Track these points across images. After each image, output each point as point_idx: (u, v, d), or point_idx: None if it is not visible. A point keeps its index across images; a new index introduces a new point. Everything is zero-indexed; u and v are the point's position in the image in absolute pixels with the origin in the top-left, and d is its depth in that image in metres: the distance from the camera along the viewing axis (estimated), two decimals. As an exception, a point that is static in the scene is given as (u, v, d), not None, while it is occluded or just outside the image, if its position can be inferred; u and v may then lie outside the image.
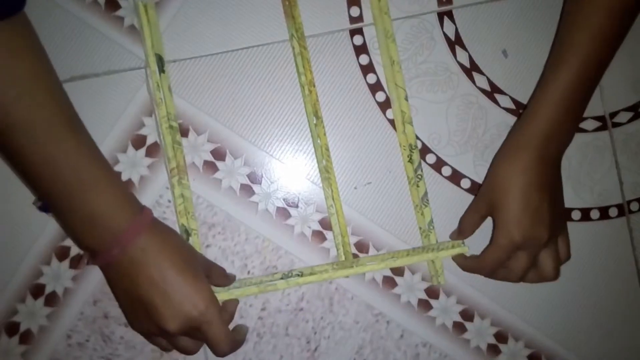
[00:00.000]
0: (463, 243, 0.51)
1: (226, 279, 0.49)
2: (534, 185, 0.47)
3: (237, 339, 0.48)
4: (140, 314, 0.44)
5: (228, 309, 0.50)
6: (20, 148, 0.41)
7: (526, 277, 0.49)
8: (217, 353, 0.46)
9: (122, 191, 0.44)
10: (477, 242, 0.51)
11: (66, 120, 0.42)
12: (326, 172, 0.51)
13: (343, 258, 0.51)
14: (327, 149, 0.52)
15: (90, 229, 0.43)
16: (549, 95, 0.47)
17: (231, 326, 0.51)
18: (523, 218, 0.47)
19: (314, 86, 0.52)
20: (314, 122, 0.51)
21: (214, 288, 0.48)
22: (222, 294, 0.48)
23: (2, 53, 0.39)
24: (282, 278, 0.49)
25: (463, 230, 0.52)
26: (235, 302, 0.50)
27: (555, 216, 0.48)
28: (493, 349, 0.54)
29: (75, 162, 0.42)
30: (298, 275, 0.49)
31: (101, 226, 0.42)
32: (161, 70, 0.50)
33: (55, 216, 0.45)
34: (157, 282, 0.43)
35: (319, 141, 0.51)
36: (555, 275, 0.49)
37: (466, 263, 0.51)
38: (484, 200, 0.50)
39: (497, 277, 0.51)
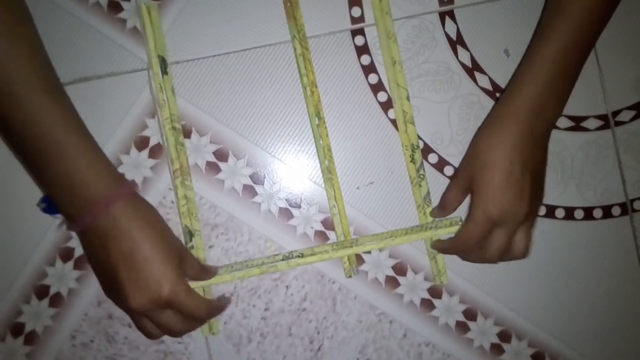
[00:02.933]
0: (461, 220, 0.50)
1: (203, 272, 0.47)
2: (517, 159, 0.44)
3: (214, 304, 0.47)
4: (110, 285, 0.44)
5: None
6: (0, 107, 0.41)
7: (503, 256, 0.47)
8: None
9: (99, 160, 0.43)
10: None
11: (43, 81, 0.42)
12: (328, 172, 0.51)
13: (346, 258, 0.52)
14: (329, 150, 0.52)
15: (65, 194, 0.42)
16: (537, 64, 0.45)
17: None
18: (502, 193, 0.44)
19: (316, 87, 0.52)
20: (316, 122, 0.51)
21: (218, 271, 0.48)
22: (225, 276, 0.48)
23: None
24: (283, 259, 0.50)
25: (444, 206, 0.50)
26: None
27: (536, 194, 0.46)
28: (496, 348, 0.54)
29: (51, 123, 0.41)
30: (299, 256, 0.50)
31: (76, 193, 0.42)
32: (164, 71, 0.50)
33: (36, 181, 0.45)
34: (125, 255, 0.42)
35: (321, 142, 0.51)
36: (526, 253, 0.47)
37: (443, 245, 0.50)
38: (464, 174, 0.48)
39: (473, 260, 0.49)
